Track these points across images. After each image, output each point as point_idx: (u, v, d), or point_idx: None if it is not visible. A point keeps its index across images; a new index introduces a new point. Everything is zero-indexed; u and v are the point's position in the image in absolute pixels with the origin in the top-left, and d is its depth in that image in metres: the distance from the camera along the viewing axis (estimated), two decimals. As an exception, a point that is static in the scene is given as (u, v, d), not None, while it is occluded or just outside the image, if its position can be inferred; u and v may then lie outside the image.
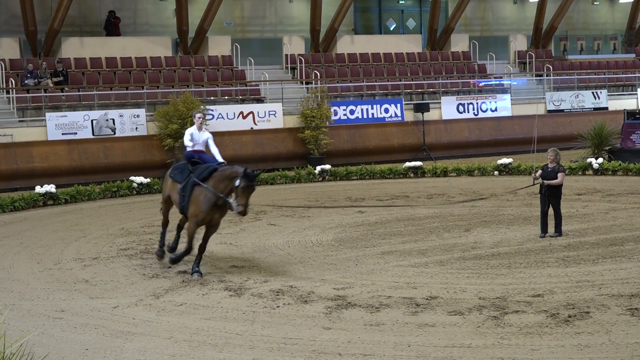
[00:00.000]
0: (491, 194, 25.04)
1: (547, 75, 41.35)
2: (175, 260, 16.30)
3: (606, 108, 40.30)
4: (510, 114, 38.37)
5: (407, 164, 30.19)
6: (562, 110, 39.58)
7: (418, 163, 30.29)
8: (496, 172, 29.44)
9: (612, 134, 31.01)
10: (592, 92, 40.66)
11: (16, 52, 33.96)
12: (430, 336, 11.90)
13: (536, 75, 42.01)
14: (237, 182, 15.33)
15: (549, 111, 39.36)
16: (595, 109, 40.03)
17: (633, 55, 45.33)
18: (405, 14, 44.57)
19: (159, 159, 30.83)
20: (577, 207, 22.15)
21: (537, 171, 18.74)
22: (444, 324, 12.42)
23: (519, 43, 43.56)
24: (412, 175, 29.79)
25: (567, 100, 39.93)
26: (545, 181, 18.35)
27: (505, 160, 29.74)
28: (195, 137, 16.90)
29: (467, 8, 41.94)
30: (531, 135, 37.27)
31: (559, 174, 18.38)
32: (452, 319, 12.67)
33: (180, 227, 17.05)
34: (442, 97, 37.75)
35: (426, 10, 43.06)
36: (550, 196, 18.35)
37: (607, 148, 30.75)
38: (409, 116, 36.37)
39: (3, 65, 32.26)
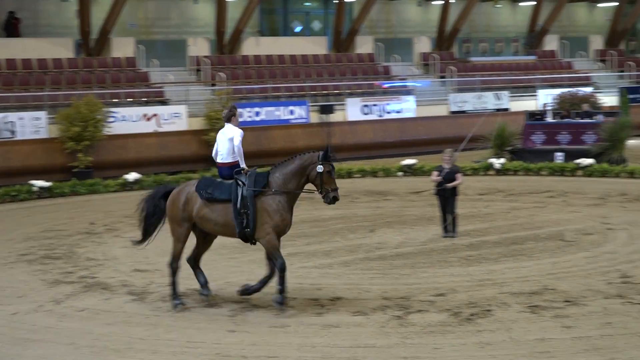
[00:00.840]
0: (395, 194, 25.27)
1: (450, 77, 41.87)
2: (281, 299, 13.28)
3: (508, 109, 40.95)
4: (414, 115, 38.71)
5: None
6: (464, 112, 40.10)
7: (323, 164, 30.28)
8: (400, 173, 29.67)
9: (513, 134, 31.51)
10: (494, 94, 41.29)
11: None
12: (335, 337, 11.93)
13: (440, 77, 42.49)
14: (320, 168, 13.57)
15: (452, 112, 39.83)
16: (497, 110, 40.63)
17: (534, 57, 46.18)
18: (310, 16, 44.68)
19: (61, 162, 30.26)
20: (479, 207, 22.46)
21: (435, 173, 18.78)
22: (349, 325, 12.47)
23: (423, 45, 44.01)
24: (317, 176, 29.75)
25: (470, 101, 40.46)
26: (448, 184, 18.50)
27: (409, 161, 29.99)
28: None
29: (372, 10, 42.21)
30: (435, 136, 37.89)
31: (458, 175, 18.60)
32: (357, 319, 12.72)
33: (196, 261, 14.17)
34: (347, 99, 37.88)
35: (331, 12, 43.21)
36: (450, 197, 18.54)
37: (509, 148, 31.24)
38: (314, 118, 36.43)
39: None
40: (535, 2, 46.32)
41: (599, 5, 50.42)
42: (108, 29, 36.14)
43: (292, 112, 36.16)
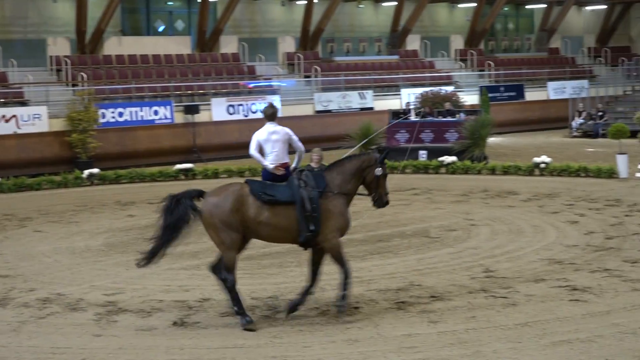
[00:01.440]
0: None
1: (315, 77, 42.11)
2: (344, 305, 12.59)
3: (372, 108, 41.45)
4: (280, 115, 38.68)
5: (178, 166, 29.94)
6: (330, 111, 40.39)
7: (189, 165, 30.10)
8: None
9: (378, 133, 31.84)
10: (359, 93, 41.73)
11: None
12: (204, 338, 11.81)
13: (305, 77, 42.68)
14: (379, 171, 13.20)
15: (317, 112, 40.07)
16: (361, 109, 41.08)
17: (397, 57, 46.85)
18: (174, 15, 44.22)
19: None
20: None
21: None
22: (217, 326, 12.38)
23: (288, 45, 44.13)
24: (183, 177, 29.55)
25: (335, 100, 40.79)
26: None
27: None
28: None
29: (236, 10, 42.06)
30: (301, 135, 37.94)
31: None
32: (225, 320, 12.65)
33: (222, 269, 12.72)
34: (212, 99, 37.67)
35: (195, 11, 42.87)
36: None
37: (374, 147, 31.56)
38: (179, 118, 36.09)
39: None
40: (397, 3, 46.99)
41: (459, 5, 51.51)
42: (-37, 28, 35.03)
43: (156, 113, 35.74)
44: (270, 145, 12.94)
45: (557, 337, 11.47)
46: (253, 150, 13.02)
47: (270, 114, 13.23)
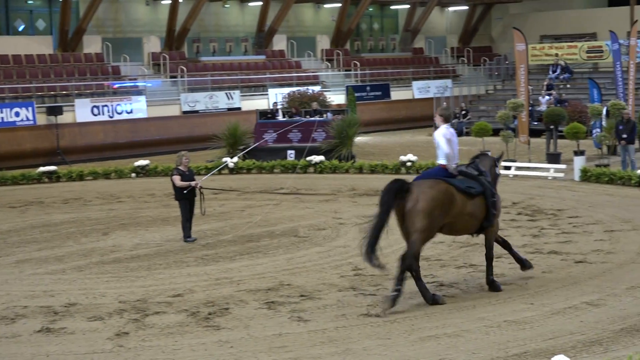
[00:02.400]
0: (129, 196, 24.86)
1: (181, 77, 41.73)
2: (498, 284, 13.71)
3: (239, 108, 41.35)
4: (146, 116, 38.30)
5: (41, 168, 29.24)
6: (197, 111, 40.11)
7: (52, 167, 29.43)
8: (133, 174, 29.25)
9: (245, 133, 31.82)
10: (226, 93, 41.56)
11: None
12: (70, 344, 11.54)
13: (170, 77, 42.26)
14: (498, 170, 14.22)
15: (184, 112, 39.74)
16: (229, 109, 40.93)
17: (264, 57, 46.85)
18: (34, 14, 43.12)
19: None
20: (214, 206, 22.45)
21: (178, 178, 18.27)
22: (84, 331, 12.11)
23: (153, 45, 43.61)
24: (46, 180, 28.87)
25: (202, 101, 40.52)
26: (196, 186, 18.29)
27: (142, 162, 29.63)
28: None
29: (99, 9, 41.31)
30: (168, 136, 37.66)
31: (197, 176, 18.51)
32: (93, 324, 12.38)
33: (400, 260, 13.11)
34: (75, 100, 36.91)
35: (56, 10, 41.89)
36: (192, 198, 18.30)
37: (242, 147, 31.51)
38: (42, 120, 35.24)
39: None
40: (262, 3, 46.98)
41: (325, 6, 51.84)
42: None
43: (17, 114, 34.79)
44: (452, 145, 13.65)
45: (425, 332, 11.65)
46: (448, 149, 13.54)
47: (448, 116, 14.11)
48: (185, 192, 18.04)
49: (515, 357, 10.59)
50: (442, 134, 13.65)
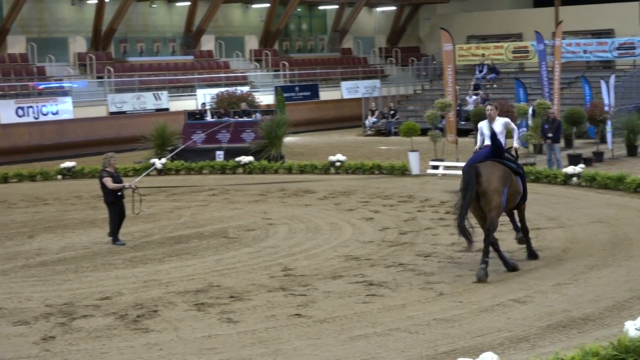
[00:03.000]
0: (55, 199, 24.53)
1: (108, 77, 41.29)
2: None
3: (167, 109, 41.06)
4: (72, 117, 37.82)
5: (-35, 171, 28.72)
6: (124, 112, 39.72)
7: (-24, 170, 28.92)
8: (60, 176, 28.86)
9: (174, 134, 31.58)
10: (154, 94, 41.23)
11: None
12: (-13, 350, 11.34)
13: (97, 77, 41.79)
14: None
15: (111, 113, 39.32)
16: (157, 110, 40.62)
17: (192, 57, 46.59)
18: (-44, 14, 42.34)
19: None
20: (141, 208, 22.23)
21: (110, 180, 18.10)
22: (9, 335, 11.90)
23: (79, 45, 43.07)
24: (-30, 182, 28.36)
25: (129, 102, 40.15)
26: (135, 185, 18.19)
27: (68, 163, 29.25)
28: (484, 130, 15.57)
29: (23, 9, 40.65)
30: (95, 137, 37.24)
31: (125, 178, 18.34)
32: (18, 329, 12.17)
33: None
34: (-1, 101, 36.33)
35: (-21, 10, 41.20)
36: (122, 201, 18.11)
37: (170, 148, 31.27)
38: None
39: None
40: (190, 3, 46.71)
41: (253, 6, 51.72)
42: None
43: (-62, 116, 34.11)
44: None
45: (355, 331, 11.66)
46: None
47: (497, 111, 15.93)
48: (119, 194, 17.84)
49: (444, 355, 10.65)
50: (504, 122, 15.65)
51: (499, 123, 15.47)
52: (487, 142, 15.37)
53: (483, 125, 15.62)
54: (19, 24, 41.52)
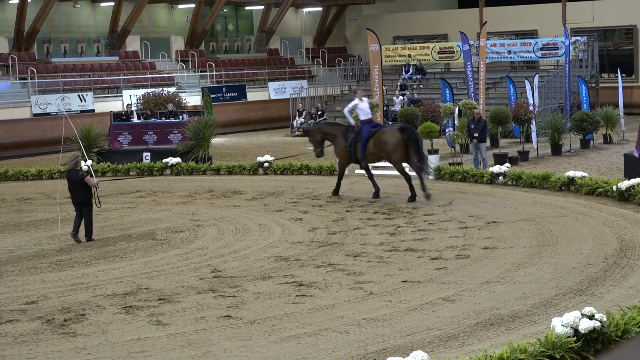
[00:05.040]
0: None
1: (31, 79, 40.66)
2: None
3: (93, 110, 40.59)
4: (-5, 119, 37.18)
5: None
6: (48, 114, 39.16)
7: None
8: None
9: (100, 135, 31.24)
10: (79, 95, 40.71)
11: None
12: None
13: (20, 79, 41.13)
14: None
15: (35, 115, 38.74)
16: (82, 111, 40.12)
17: (117, 58, 46.12)
18: None
19: None
20: (68, 210, 21.94)
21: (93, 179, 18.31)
22: None
23: (1, 45, 42.36)
24: None
25: (54, 103, 39.59)
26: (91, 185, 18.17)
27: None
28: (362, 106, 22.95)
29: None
30: (18, 139, 36.66)
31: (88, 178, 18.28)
32: (-59, 336, 11.91)
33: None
34: None
35: None
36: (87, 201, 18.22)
37: (96, 150, 30.94)
38: None
39: None
40: (114, 3, 46.24)
41: (179, 6, 51.39)
42: None
43: None
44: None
45: (286, 332, 11.65)
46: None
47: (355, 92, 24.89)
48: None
49: (374, 354, 10.70)
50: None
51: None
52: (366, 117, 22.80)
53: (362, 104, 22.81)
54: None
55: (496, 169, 24.51)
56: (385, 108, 34.19)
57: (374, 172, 23.71)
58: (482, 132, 26.29)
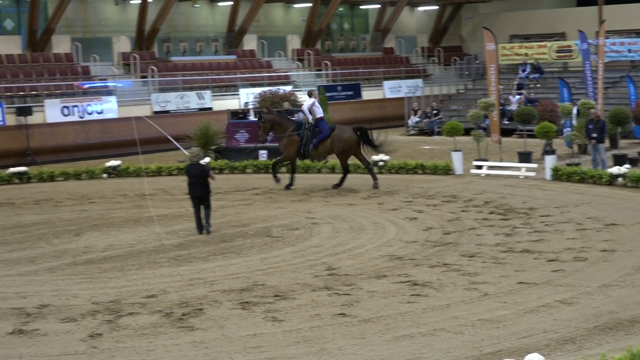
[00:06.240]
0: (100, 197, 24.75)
1: (152, 77, 41.57)
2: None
3: (211, 108, 41.26)
4: (116, 116, 38.12)
5: (11, 169, 29.04)
6: (168, 112, 39.97)
7: (23, 168, 29.23)
8: (105, 175, 29.11)
9: (217, 133, 31.73)
10: (197, 93, 41.45)
11: None
12: (43, 346, 11.47)
13: (141, 77, 42.09)
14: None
15: (155, 112, 39.58)
16: (200, 109, 40.83)
17: (234, 57, 46.76)
18: (2, 14, 42.81)
19: None
20: (186, 207, 22.36)
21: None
22: (57, 332, 12.03)
23: (123, 44, 43.42)
24: (17, 181, 28.69)
25: (173, 101, 40.39)
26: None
27: (113, 162, 29.51)
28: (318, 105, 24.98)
29: (68, 9, 41.11)
30: (141, 136, 37.47)
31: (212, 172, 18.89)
32: (65, 326, 12.30)
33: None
34: (45, 100, 36.70)
35: (25, 10, 41.62)
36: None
37: (214, 147, 31.45)
38: (11, 120, 35.00)
39: None
40: (232, 3, 46.90)
41: (295, 5, 51.83)
42: None
43: (-14, 115, 34.55)
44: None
45: (400, 331, 11.66)
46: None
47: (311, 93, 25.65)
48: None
49: (489, 356, 10.63)
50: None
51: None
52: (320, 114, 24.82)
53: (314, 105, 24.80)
54: (63, 24, 41.97)
55: (615, 170, 24.02)
56: (501, 107, 33.84)
57: (496, 172, 23.49)
58: (601, 133, 25.78)
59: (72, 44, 41.77)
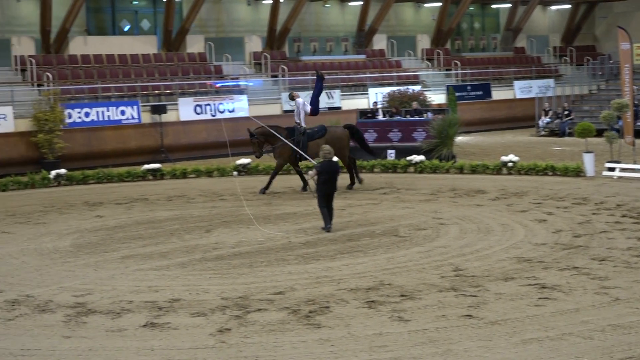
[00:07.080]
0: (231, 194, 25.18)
1: (282, 76, 42.06)
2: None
3: (340, 107, 41.47)
4: (247, 115, 38.64)
5: (146, 166, 29.81)
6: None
7: (157, 165, 29.98)
8: (235, 173, 29.60)
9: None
10: (326, 93, 41.68)
11: None
12: (174, 339, 11.75)
13: (272, 76, 42.63)
14: None
15: (285, 111, 40.00)
16: (329, 108, 41.08)
17: (364, 57, 46.91)
18: (139, 14, 44.03)
19: None
20: (314, 205, 22.55)
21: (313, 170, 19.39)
22: (187, 326, 12.30)
23: (254, 44, 44.06)
24: (151, 177, 29.44)
25: (303, 100, 40.64)
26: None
27: (244, 160, 29.97)
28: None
29: (202, 9, 41.96)
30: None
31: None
32: (196, 320, 12.57)
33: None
34: (179, 99, 37.55)
35: (161, 11, 42.71)
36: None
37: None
38: (146, 118, 35.94)
39: None
40: (363, 2, 47.05)
41: (425, 5, 51.67)
42: None
43: (123, 113, 35.56)
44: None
45: (527, 335, 11.52)
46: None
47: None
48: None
49: (619, 362, 10.42)
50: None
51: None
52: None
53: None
54: (197, 24, 42.87)
55: None
56: (635, 108, 33.01)
57: (629, 174, 23.01)
58: None
59: (205, 44, 42.61)
